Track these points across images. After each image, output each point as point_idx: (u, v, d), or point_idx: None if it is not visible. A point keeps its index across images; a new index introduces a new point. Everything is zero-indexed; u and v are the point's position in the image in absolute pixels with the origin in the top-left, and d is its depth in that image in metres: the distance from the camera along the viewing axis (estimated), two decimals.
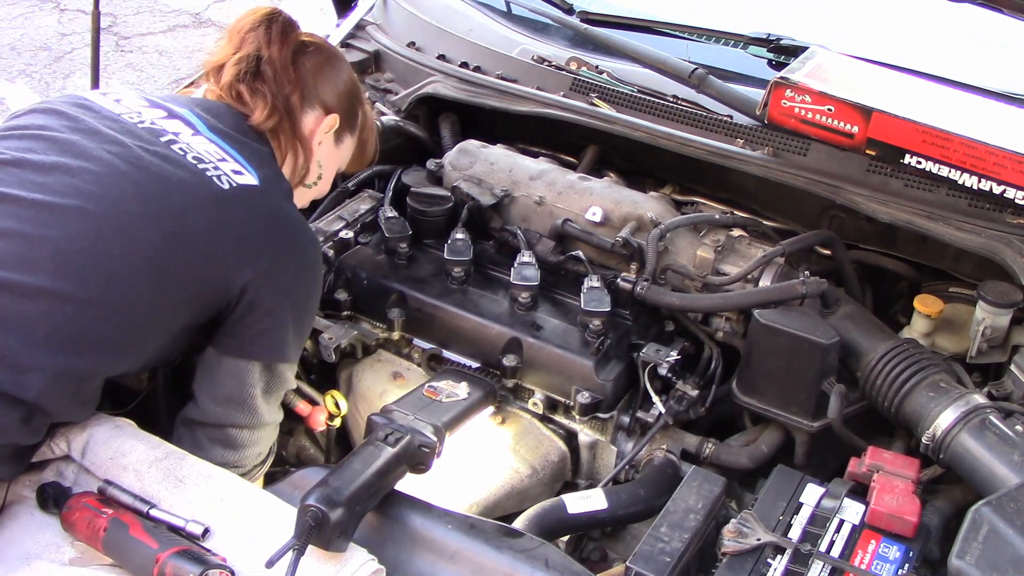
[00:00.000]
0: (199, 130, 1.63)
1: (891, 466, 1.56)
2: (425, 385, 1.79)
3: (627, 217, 2.01)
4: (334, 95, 1.78)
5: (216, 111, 1.68)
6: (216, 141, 1.62)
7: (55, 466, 1.53)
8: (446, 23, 2.53)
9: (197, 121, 1.64)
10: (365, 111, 1.91)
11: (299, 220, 1.67)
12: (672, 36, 2.41)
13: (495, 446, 1.86)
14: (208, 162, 1.57)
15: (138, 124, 1.60)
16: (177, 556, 1.31)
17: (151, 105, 1.66)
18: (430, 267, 2.02)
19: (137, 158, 1.52)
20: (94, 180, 1.48)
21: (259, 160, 1.64)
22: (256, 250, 1.55)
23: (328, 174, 1.87)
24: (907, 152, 1.89)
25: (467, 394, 1.78)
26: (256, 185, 1.59)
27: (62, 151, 1.50)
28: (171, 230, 1.50)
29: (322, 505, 1.32)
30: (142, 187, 1.50)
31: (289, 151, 1.73)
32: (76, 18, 5.86)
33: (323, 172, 1.84)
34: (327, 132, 1.78)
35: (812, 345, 1.71)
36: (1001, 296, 1.76)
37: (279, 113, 1.69)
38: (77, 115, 1.58)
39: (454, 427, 1.69)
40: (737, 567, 1.41)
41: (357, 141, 1.91)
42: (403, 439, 1.50)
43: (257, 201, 1.59)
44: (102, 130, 1.55)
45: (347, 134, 1.85)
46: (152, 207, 1.49)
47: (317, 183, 1.85)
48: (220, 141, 1.62)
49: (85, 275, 1.43)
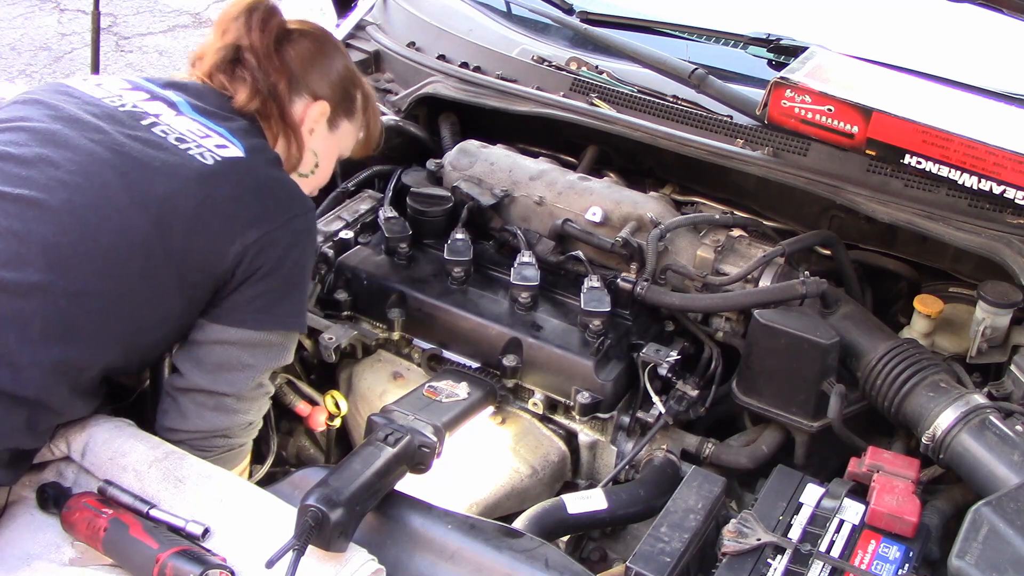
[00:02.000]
0: (182, 110, 1.61)
1: (891, 466, 1.56)
2: (425, 385, 1.79)
3: (627, 217, 2.01)
4: (325, 82, 1.75)
5: (200, 92, 1.67)
6: (199, 119, 1.60)
7: (55, 467, 1.53)
8: (446, 23, 2.53)
9: (180, 101, 1.63)
10: (365, 94, 1.88)
11: (288, 186, 1.63)
12: (672, 36, 2.41)
13: (495, 446, 1.86)
14: (190, 141, 1.55)
15: (119, 108, 1.58)
16: (177, 556, 1.31)
17: (133, 88, 1.65)
18: (430, 267, 2.02)
19: (119, 145, 1.51)
20: (78, 171, 1.47)
21: (245, 133, 1.61)
22: (245, 222, 1.53)
23: (326, 162, 1.84)
24: (907, 152, 1.89)
25: (467, 394, 1.78)
26: (242, 156, 1.56)
27: (44, 142, 1.49)
28: (158, 216, 1.48)
29: (322, 505, 1.32)
30: (125, 175, 1.48)
31: (280, 136, 1.70)
32: (76, 18, 5.86)
33: (320, 160, 1.81)
34: (318, 120, 1.75)
35: (812, 345, 1.71)
36: (1001, 296, 1.76)
37: (262, 96, 1.66)
38: (58, 103, 1.57)
39: (454, 427, 1.69)
40: (737, 567, 1.41)
41: (359, 126, 1.87)
42: (403, 439, 1.50)
43: (243, 172, 1.56)
44: (83, 117, 1.54)
45: (343, 120, 1.82)
46: (137, 195, 1.48)
47: (315, 172, 1.82)
48: (203, 119, 1.60)
49: (75, 268, 1.43)
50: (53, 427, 1.49)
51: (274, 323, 1.61)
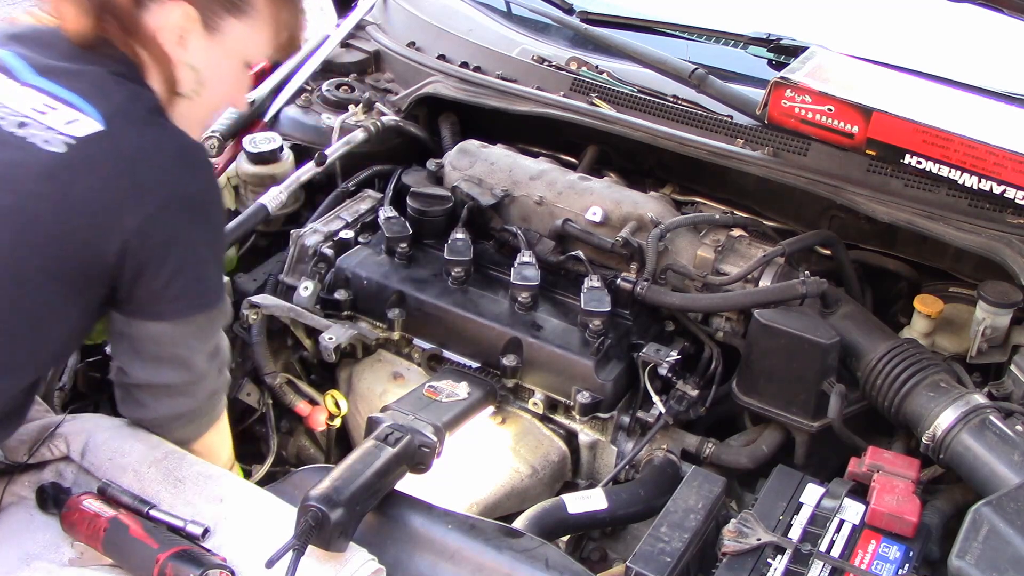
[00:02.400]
0: (21, 77, 1.37)
1: (891, 466, 1.56)
2: (425, 385, 1.79)
3: (627, 217, 2.01)
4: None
5: (44, 40, 1.42)
6: (43, 86, 1.36)
7: (54, 467, 1.53)
8: (446, 23, 2.53)
9: (18, 64, 1.38)
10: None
11: (165, 148, 1.38)
12: (672, 36, 2.41)
13: (495, 446, 1.86)
14: (31, 122, 1.32)
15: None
16: (177, 556, 1.31)
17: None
18: (430, 267, 2.02)
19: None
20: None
21: (102, 89, 1.36)
22: (117, 213, 1.32)
23: (218, 75, 1.50)
24: (907, 152, 1.88)
25: (467, 394, 1.78)
26: (100, 130, 1.32)
27: None
28: (13, 232, 1.31)
29: (322, 505, 1.32)
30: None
31: (146, 59, 1.42)
32: None
33: (204, 75, 1.48)
34: (185, 27, 1.42)
35: (812, 345, 1.71)
36: (1001, 296, 1.76)
37: (95, 10, 1.37)
38: None
39: (454, 427, 1.69)
40: (737, 567, 1.41)
41: (262, 23, 1.49)
42: (403, 439, 1.50)
43: (103, 152, 1.33)
44: None
45: (227, 19, 1.44)
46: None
47: (199, 92, 1.49)
48: (48, 83, 1.36)
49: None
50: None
51: (192, 308, 1.45)
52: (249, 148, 2.22)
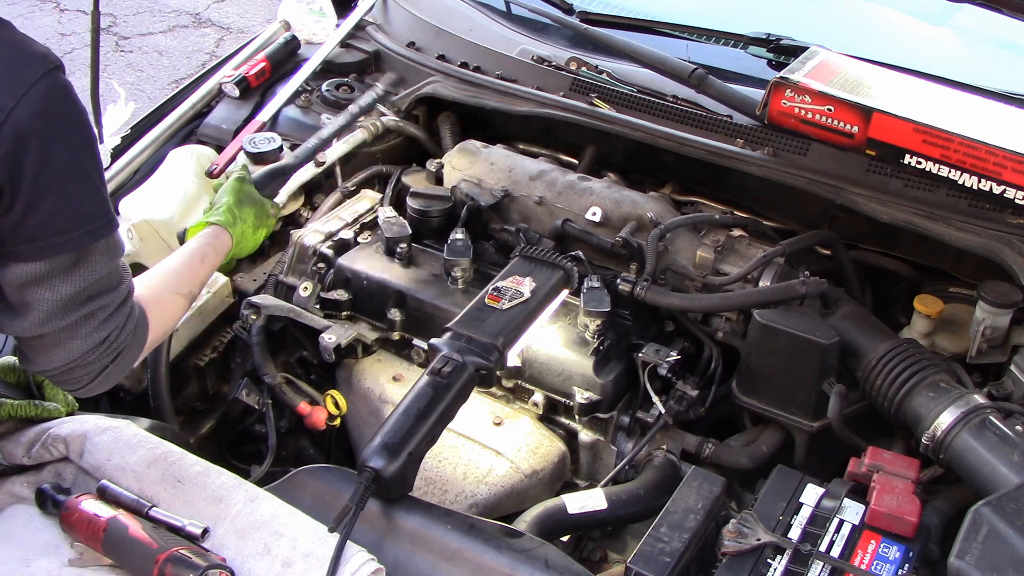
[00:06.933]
0: None
1: (891, 466, 1.56)
2: (489, 288, 1.81)
3: (627, 217, 2.01)
4: None
5: None
6: None
7: (53, 467, 1.53)
8: (446, 23, 2.53)
9: None
10: None
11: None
12: (672, 36, 2.41)
13: (495, 446, 1.86)
14: None
15: None
16: (177, 556, 1.31)
17: None
18: (430, 267, 2.02)
19: None
20: None
21: None
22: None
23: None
24: (907, 152, 1.89)
25: (531, 292, 1.79)
26: None
27: None
28: None
29: (376, 463, 1.43)
30: None
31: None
32: (76, 18, 5.86)
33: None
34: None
35: (812, 345, 1.71)
36: (1001, 296, 1.76)
37: None
38: None
39: (517, 337, 1.73)
40: (737, 567, 1.41)
41: None
42: (457, 372, 1.58)
43: None
44: None
45: None
46: None
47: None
48: None
49: None
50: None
51: (74, 242, 1.27)
52: (249, 148, 2.22)
